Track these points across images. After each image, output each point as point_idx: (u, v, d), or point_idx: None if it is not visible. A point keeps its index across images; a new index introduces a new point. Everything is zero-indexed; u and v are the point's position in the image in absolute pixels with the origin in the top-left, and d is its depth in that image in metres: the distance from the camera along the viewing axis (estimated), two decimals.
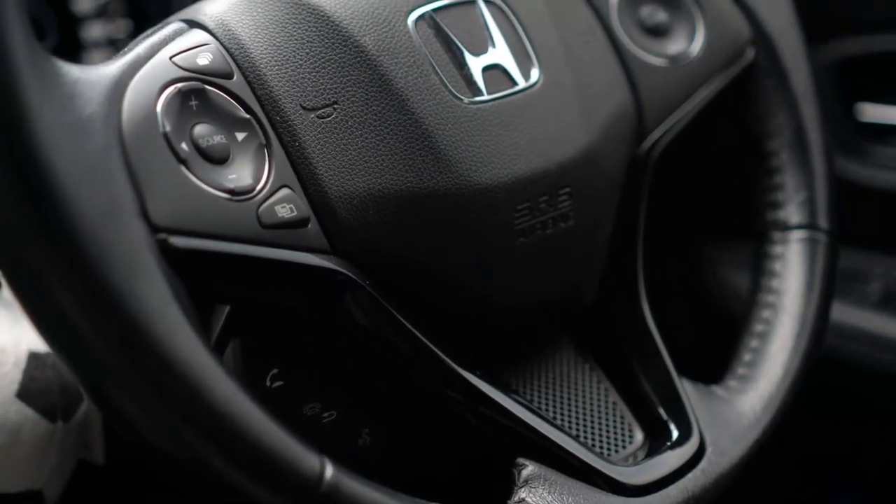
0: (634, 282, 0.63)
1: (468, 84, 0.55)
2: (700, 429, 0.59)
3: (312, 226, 0.49)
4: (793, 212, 0.68)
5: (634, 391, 0.62)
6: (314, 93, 0.51)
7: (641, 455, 0.60)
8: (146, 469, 0.73)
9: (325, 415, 0.59)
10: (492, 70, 0.56)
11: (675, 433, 0.59)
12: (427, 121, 0.52)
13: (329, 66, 0.52)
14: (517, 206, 0.55)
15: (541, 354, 0.63)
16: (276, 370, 0.58)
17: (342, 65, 0.52)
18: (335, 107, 0.51)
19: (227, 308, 0.55)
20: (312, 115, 0.50)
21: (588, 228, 0.59)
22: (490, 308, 0.57)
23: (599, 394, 0.63)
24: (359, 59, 0.52)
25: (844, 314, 0.96)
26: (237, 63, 0.50)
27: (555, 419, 0.60)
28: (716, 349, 0.70)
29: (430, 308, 0.54)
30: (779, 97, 0.69)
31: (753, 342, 0.65)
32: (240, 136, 0.49)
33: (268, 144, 0.49)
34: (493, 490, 0.53)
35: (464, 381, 0.54)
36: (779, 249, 0.68)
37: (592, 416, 0.62)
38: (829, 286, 0.67)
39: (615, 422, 0.62)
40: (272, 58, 0.51)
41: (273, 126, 0.50)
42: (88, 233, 0.40)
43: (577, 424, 0.61)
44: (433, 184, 0.52)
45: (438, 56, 0.54)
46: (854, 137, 0.98)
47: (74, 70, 0.43)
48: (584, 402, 0.62)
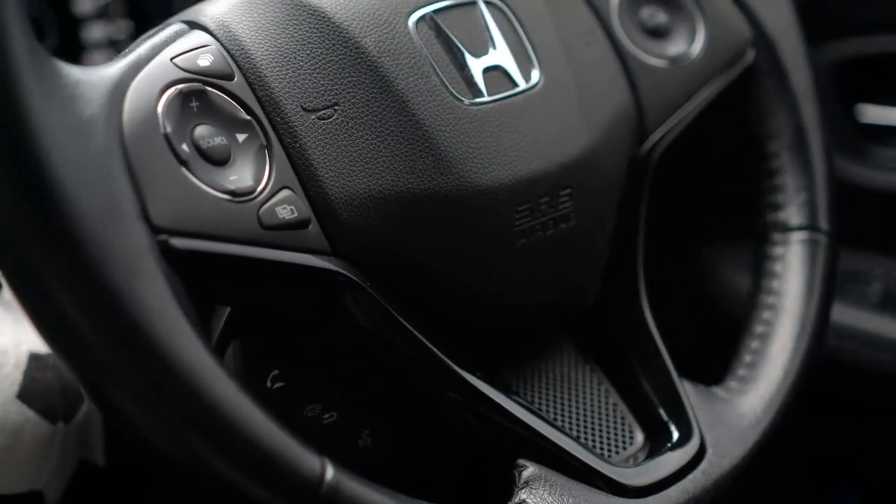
0: (635, 282, 0.63)
1: (469, 85, 0.55)
2: (700, 430, 0.59)
3: (313, 227, 0.49)
4: (793, 213, 0.68)
5: (635, 392, 0.62)
6: (315, 94, 0.51)
7: (642, 456, 0.60)
8: (146, 470, 0.73)
9: (326, 416, 0.59)
10: (492, 71, 0.56)
11: (676, 434, 0.59)
12: (428, 122, 0.52)
13: (330, 68, 0.52)
14: (518, 208, 0.55)
15: (541, 355, 0.63)
16: (277, 371, 0.58)
17: (343, 66, 0.52)
18: (336, 108, 0.51)
19: (228, 309, 0.55)
20: (313, 117, 0.50)
21: (589, 229, 0.59)
22: (490, 309, 0.57)
23: (600, 395, 0.63)
24: (359, 61, 0.52)
25: (845, 315, 0.96)
26: (238, 64, 0.50)
27: (555, 420, 0.60)
28: (716, 350, 0.70)
29: (431, 309, 0.54)
30: (779, 98, 0.69)
31: (754, 343, 0.65)
32: (240, 138, 0.49)
33: (268, 146, 0.49)
34: (494, 491, 0.53)
35: (464, 382, 0.54)
36: (779, 250, 0.68)
37: (593, 418, 0.62)
38: (830, 287, 0.67)
39: (615, 423, 0.62)
40: (273, 59, 0.51)
41: (274, 127, 0.50)
42: (89, 233, 0.40)
43: (578, 425, 0.61)
44: (434, 185, 0.52)
45: (439, 57, 0.54)
46: (854, 138, 0.98)
47: (75, 71, 0.43)
48: (585, 404, 0.62)
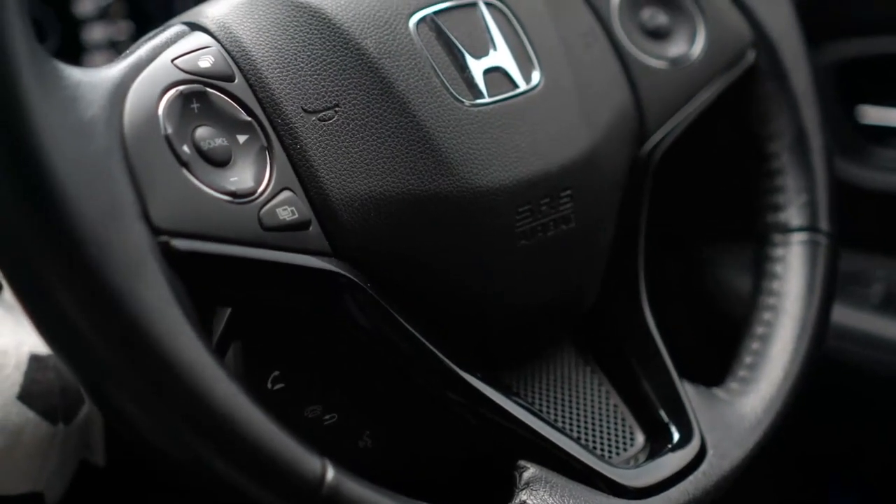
0: (635, 283, 0.63)
1: (469, 86, 0.55)
2: (701, 431, 0.59)
3: (314, 228, 0.49)
4: (794, 214, 0.68)
5: (635, 393, 0.62)
6: (315, 95, 0.51)
7: (642, 457, 0.60)
8: (147, 470, 0.73)
9: (327, 417, 0.59)
10: (493, 72, 0.56)
11: (676, 435, 0.59)
12: (428, 123, 0.52)
13: (330, 69, 0.52)
14: (518, 209, 0.55)
15: (542, 356, 0.63)
16: (278, 372, 0.58)
17: (343, 67, 0.52)
18: (336, 109, 0.51)
19: (229, 310, 0.55)
20: (314, 118, 0.50)
21: (589, 230, 0.59)
22: (491, 310, 0.57)
23: (600, 396, 0.63)
24: (360, 62, 0.52)
25: (845, 316, 0.96)
26: (238, 66, 0.50)
27: (556, 421, 0.60)
28: (716, 351, 0.70)
29: (432, 310, 0.54)
30: (779, 99, 0.69)
31: (754, 344, 0.65)
32: (241, 139, 0.49)
33: (269, 147, 0.49)
34: (494, 492, 0.53)
35: (465, 383, 0.54)
36: (780, 252, 0.68)
37: (593, 419, 0.62)
38: (830, 288, 0.67)
39: (616, 424, 0.62)
40: (273, 60, 0.51)
41: (274, 128, 0.50)
42: (89, 233, 0.40)
43: (578, 426, 0.61)
44: (434, 186, 0.52)
45: (440, 58, 0.54)
46: (855, 139, 0.98)
47: (76, 72, 0.43)
48: (585, 405, 0.62)
